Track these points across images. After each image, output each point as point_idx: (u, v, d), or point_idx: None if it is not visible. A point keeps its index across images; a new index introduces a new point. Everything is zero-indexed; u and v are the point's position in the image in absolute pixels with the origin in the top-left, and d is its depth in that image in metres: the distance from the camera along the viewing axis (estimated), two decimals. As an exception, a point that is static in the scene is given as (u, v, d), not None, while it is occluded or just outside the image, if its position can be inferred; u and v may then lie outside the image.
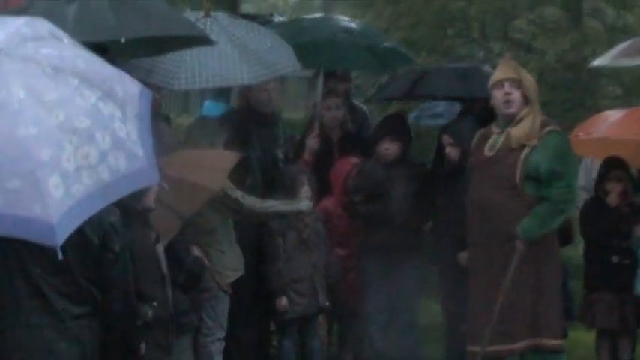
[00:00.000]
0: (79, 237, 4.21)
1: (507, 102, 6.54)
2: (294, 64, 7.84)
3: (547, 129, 6.57)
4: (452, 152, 7.32)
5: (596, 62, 9.42)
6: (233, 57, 7.33)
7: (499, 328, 6.43)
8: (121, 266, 4.62)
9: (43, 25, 4.34)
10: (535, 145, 6.46)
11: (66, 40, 4.35)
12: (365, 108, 9.58)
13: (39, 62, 4.03)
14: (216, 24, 7.59)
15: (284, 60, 7.88)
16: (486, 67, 8.48)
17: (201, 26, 7.43)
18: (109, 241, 4.52)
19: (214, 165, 6.60)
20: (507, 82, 6.57)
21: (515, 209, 6.46)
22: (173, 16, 7.15)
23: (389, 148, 7.63)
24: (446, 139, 7.51)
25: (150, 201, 5.58)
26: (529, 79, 6.71)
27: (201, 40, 7.06)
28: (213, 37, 7.19)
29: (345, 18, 10.42)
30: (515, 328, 6.49)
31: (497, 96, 6.58)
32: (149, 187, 5.30)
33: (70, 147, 3.84)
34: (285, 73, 8.35)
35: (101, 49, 7.13)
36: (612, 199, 7.67)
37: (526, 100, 6.57)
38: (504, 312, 6.42)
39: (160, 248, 5.77)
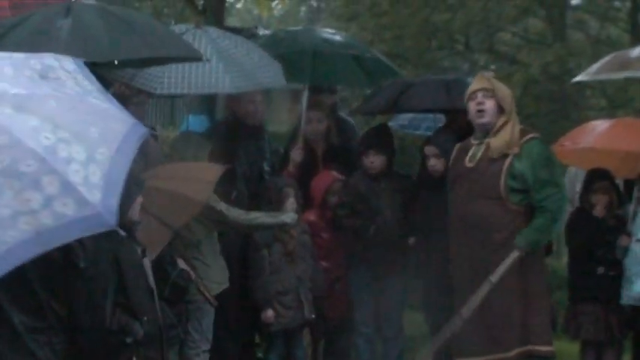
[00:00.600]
0: None
1: (480, 112, 6.59)
2: (281, 80, 7.91)
3: (527, 137, 6.62)
4: (437, 164, 7.32)
5: (579, 78, 9.45)
6: (217, 67, 7.41)
7: (491, 337, 6.45)
8: (86, 282, 4.53)
9: (39, 62, 4.29)
10: (517, 153, 6.50)
11: (62, 73, 4.29)
12: (352, 121, 9.60)
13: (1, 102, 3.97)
14: (206, 36, 7.68)
15: (270, 75, 7.95)
16: (470, 79, 8.51)
17: (190, 37, 7.50)
18: (74, 257, 4.44)
19: (201, 177, 6.62)
20: (480, 92, 6.63)
21: (500, 218, 6.50)
22: (166, 35, 7.14)
23: (374, 160, 7.63)
24: (430, 150, 7.50)
25: (135, 214, 5.58)
26: (502, 89, 6.76)
27: (193, 57, 7.09)
28: (200, 47, 7.25)
29: (329, 30, 10.44)
30: (507, 336, 6.50)
31: (471, 107, 6.64)
32: (134, 200, 5.29)
33: (9, 192, 3.75)
34: (270, 87, 8.39)
35: (90, 64, 7.18)
36: (599, 211, 7.69)
37: (501, 110, 6.61)
38: (495, 321, 6.44)
39: (147, 262, 5.77)
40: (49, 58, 4.34)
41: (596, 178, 7.79)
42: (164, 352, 5.63)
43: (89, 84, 4.34)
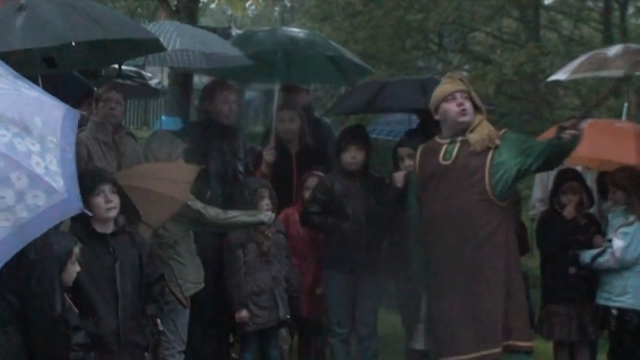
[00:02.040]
0: None
1: (463, 111, 6.62)
2: (241, 57, 8.20)
3: (503, 131, 6.68)
4: (412, 164, 7.26)
5: (555, 76, 9.49)
6: (171, 33, 7.86)
7: (481, 333, 6.47)
8: (36, 271, 4.58)
9: None
10: (498, 146, 6.52)
11: None
12: (329, 122, 9.62)
13: None
14: (170, 23, 7.96)
15: (228, 47, 8.11)
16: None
17: (155, 25, 7.70)
18: (25, 249, 4.41)
19: (176, 177, 6.62)
20: (458, 93, 6.65)
21: (483, 214, 6.50)
22: (123, 20, 7.28)
23: (355, 156, 7.61)
24: (404, 151, 7.53)
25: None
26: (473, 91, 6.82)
27: (152, 44, 7.17)
28: (164, 28, 7.47)
29: (302, 30, 10.49)
30: (495, 332, 6.50)
31: (451, 107, 6.65)
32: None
33: None
34: (226, 57, 8.50)
35: (49, 63, 7.22)
36: (569, 211, 7.72)
37: (476, 109, 6.67)
38: (484, 317, 6.47)
39: (118, 267, 5.77)
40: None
41: (566, 178, 7.80)
42: (114, 357, 5.65)
43: (11, 75, 4.38)
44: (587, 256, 7.52)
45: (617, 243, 7.43)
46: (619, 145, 7.51)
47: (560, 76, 9.24)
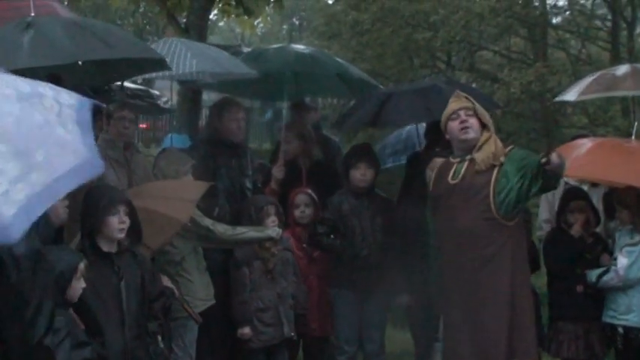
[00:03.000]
0: None
1: (465, 128, 6.60)
2: (251, 72, 8.27)
3: (509, 148, 6.66)
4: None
5: (564, 97, 9.46)
6: (186, 55, 7.91)
7: (482, 352, 6.47)
8: (15, 296, 4.60)
9: (28, 85, 4.29)
10: (502, 163, 6.50)
11: (50, 102, 4.26)
12: (337, 140, 9.66)
13: None
14: (179, 41, 8.01)
15: (241, 66, 8.18)
16: (446, 87, 8.50)
17: (165, 43, 7.71)
18: (7, 271, 4.52)
19: (183, 195, 6.58)
20: (462, 110, 6.64)
21: (488, 233, 6.48)
22: (130, 39, 7.31)
23: (365, 173, 7.67)
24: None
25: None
26: (480, 107, 6.79)
27: (158, 64, 7.22)
28: (171, 46, 7.52)
29: (309, 48, 10.56)
30: (497, 351, 6.49)
31: (454, 125, 6.64)
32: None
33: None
34: (240, 75, 8.59)
35: (53, 80, 7.28)
36: (576, 230, 7.71)
37: (483, 126, 6.65)
38: (486, 335, 6.47)
39: (124, 286, 5.79)
40: (45, 87, 4.34)
41: (572, 197, 7.79)
42: None
43: (71, 117, 4.30)
44: (592, 274, 7.53)
45: (622, 261, 7.43)
46: (625, 167, 7.48)
47: (570, 97, 9.21)
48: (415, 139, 9.56)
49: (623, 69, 9.02)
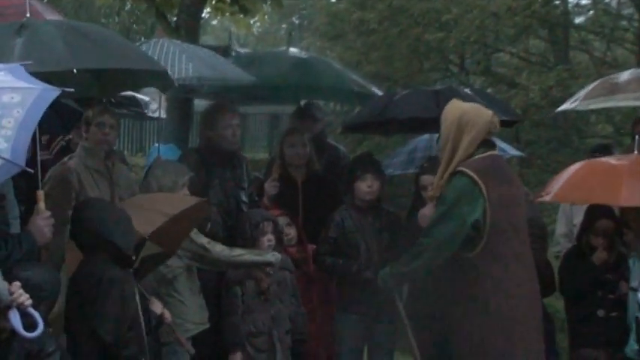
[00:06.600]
0: None
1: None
2: (248, 78, 8.25)
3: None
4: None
5: (564, 107, 9.50)
6: (180, 58, 7.98)
7: None
8: None
9: None
10: None
11: None
12: (343, 149, 9.68)
13: None
14: (171, 42, 8.01)
15: (237, 71, 8.20)
16: (462, 89, 8.49)
17: (155, 46, 7.93)
18: None
19: (160, 208, 6.42)
20: None
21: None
22: (129, 48, 7.28)
23: (372, 185, 7.65)
24: (428, 179, 7.37)
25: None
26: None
27: (158, 76, 7.21)
28: (163, 48, 7.57)
29: (308, 53, 10.66)
30: None
31: None
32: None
33: None
34: (235, 81, 8.63)
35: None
36: (598, 258, 7.66)
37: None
38: None
39: (137, 301, 5.83)
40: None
41: (598, 216, 7.75)
42: None
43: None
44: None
45: None
46: (607, 186, 7.35)
47: (569, 105, 9.24)
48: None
49: (626, 74, 9.05)
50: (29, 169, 4.87)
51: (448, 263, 6.47)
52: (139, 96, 12.63)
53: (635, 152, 7.28)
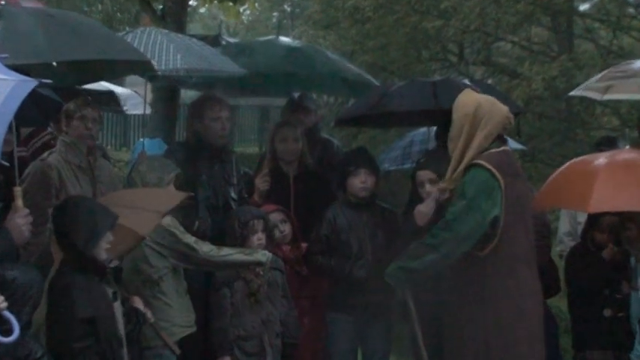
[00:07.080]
0: None
1: None
2: (239, 70, 8.34)
3: None
4: (434, 190, 7.10)
5: (574, 92, 9.48)
6: (168, 48, 7.99)
7: None
8: None
9: None
10: None
11: None
12: (337, 142, 9.65)
13: None
14: (158, 31, 8.01)
15: (226, 62, 8.17)
16: (461, 80, 8.47)
17: (139, 33, 8.11)
18: None
19: (151, 206, 6.48)
20: None
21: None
22: (112, 38, 7.24)
23: (366, 180, 7.63)
24: (425, 174, 7.33)
25: (101, 252, 5.70)
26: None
27: (142, 65, 7.17)
28: (150, 37, 7.53)
29: (301, 42, 10.65)
30: None
31: None
32: (100, 237, 5.63)
33: None
34: (226, 72, 8.64)
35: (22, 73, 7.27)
36: (607, 253, 7.65)
37: None
38: None
39: (118, 306, 5.80)
40: None
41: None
42: None
43: None
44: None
45: None
46: (578, 191, 7.25)
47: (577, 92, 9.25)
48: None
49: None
50: (5, 163, 4.85)
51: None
52: (118, 90, 12.57)
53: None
